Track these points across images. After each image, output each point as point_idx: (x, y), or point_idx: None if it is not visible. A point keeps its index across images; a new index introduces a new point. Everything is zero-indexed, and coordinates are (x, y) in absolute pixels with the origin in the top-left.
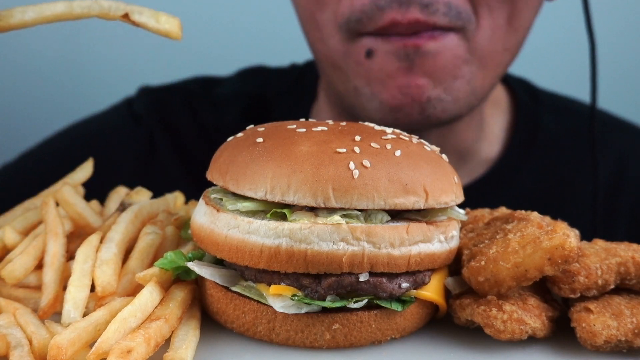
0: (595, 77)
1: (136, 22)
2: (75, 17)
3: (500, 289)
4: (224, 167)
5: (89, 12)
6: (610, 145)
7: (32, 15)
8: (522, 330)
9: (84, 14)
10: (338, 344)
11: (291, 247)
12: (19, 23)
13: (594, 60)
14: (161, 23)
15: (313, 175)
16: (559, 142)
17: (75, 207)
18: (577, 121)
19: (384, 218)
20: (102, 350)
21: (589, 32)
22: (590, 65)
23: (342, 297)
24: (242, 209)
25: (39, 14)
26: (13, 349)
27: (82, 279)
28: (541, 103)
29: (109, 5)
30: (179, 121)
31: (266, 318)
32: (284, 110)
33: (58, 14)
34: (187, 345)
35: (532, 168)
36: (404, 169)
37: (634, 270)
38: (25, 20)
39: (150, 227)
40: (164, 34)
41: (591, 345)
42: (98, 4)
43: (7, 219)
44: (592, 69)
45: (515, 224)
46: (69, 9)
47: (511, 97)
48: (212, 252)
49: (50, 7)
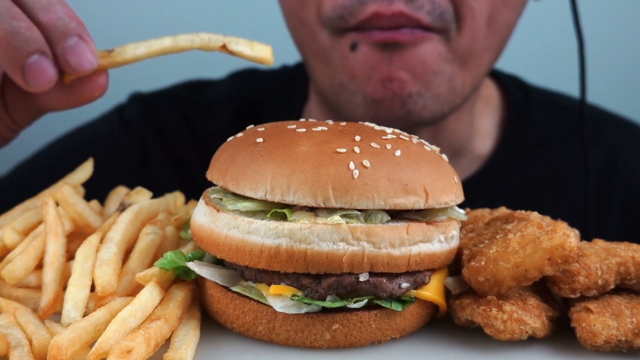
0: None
1: (234, 52)
2: (180, 50)
3: (500, 289)
4: (224, 167)
5: (191, 45)
6: (602, 140)
7: (143, 50)
8: (522, 330)
9: (187, 46)
10: (338, 344)
11: (291, 247)
12: (132, 58)
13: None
14: (256, 51)
15: (313, 175)
16: (550, 138)
17: (75, 207)
18: (568, 116)
19: (384, 218)
20: (102, 350)
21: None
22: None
23: (342, 297)
24: (242, 209)
25: (149, 48)
26: (13, 349)
27: (82, 279)
28: (532, 99)
29: (209, 38)
30: (171, 127)
31: (266, 318)
32: (275, 112)
33: (165, 48)
34: (187, 345)
35: (524, 164)
36: (404, 169)
37: (634, 270)
38: (137, 55)
39: (150, 227)
40: (259, 60)
41: (591, 345)
42: (199, 37)
43: (7, 219)
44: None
45: (515, 224)
46: (174, 43)
47: (502, 93)
48: (212, 252)
49: (159, 42)
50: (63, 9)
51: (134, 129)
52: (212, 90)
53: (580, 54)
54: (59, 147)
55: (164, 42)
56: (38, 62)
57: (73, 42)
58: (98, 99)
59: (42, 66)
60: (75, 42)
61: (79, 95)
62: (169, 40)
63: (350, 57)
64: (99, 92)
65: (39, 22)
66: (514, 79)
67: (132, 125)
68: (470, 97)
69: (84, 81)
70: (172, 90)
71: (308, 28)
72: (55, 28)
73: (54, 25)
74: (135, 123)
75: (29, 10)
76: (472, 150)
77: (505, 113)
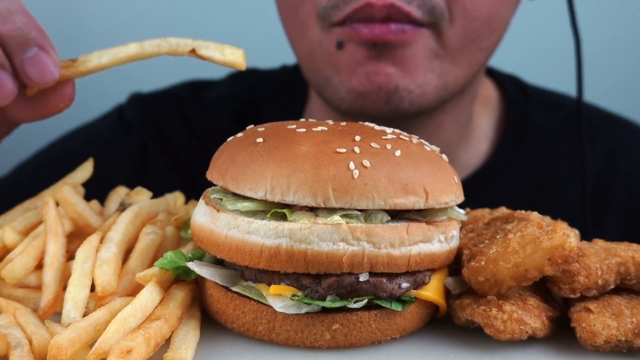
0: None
1: (203, 56)
2: (147, 57)
3: (500, 289)
4: (224, 167)
5: (159, 50)
6: (600, 139)
7: (107, 58)
8: (522, 330)
9: (154, 52)
10: (338, 344)
11: (291, 247)
12: (96, 67)
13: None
14: (226, 55)
15: (313, 175)
16: (549, 137)
17: (75, 207)
18: (567, 116)
19: (384, 218)
20: (102, 350)
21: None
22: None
23: (342, 297)
24: (242, 209)
25: (113, 56)
26: (13, 349)
27: (82, 279)
28: (531, 99)
29: (177, 43)
30: (171, 127)
31: (266, 318)
32: (275, 112)
33: (131, 55)
34: (187, 345)
35: (523, 163)
36: (404, 169)
37: (634, 270)
38: (101, 63)
39: (150, 227)
40: (230, 65)
41: (591, 345)
42: (167, 42)
43: (7, 219)
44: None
45: (515, 224)
46: (140, 49)
47: (501, 93)
48: (212, 252)
49: (124, 49)
50: (22, 18)
51: (133, 129)
52: (212, 90)
53: (577, 53)
54: (59, 147)
55: (129, 49)
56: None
57: (32, 53)
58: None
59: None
60: (35, 53)
61: (45, 107)
62: (134, 46)
63: (335, 54)
64: (64, 103)
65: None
66: (513, 79)
67: (132, 125)
68: (465, 95)
69: (48, 92)
70: (171, 91)
71: (301, 23)
72: (13, 39)
73: (12, 37)
74: (135, 123)
75: None
76: (466, 151)
77: (504, 113)
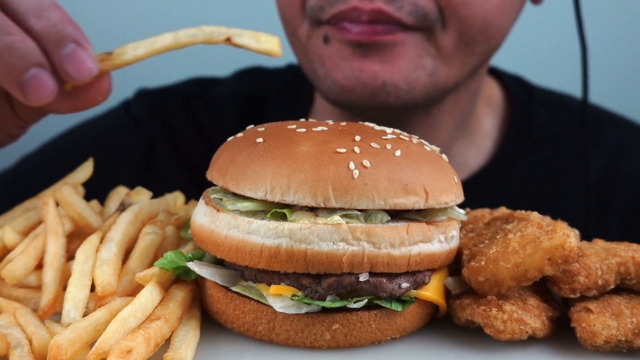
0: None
1: (238, 44)
2: (181, 46)
3: (500, 289)
4: (224, 167)
5: (194, 40)
6: (604, 139)
7: (143, 50)
8: (522, 330)
9: (189, 42)
10: (338, 344)
11: (291, 247)
12: (132, 59)
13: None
14: (262, 43)
15: (313, 175)
16: (553, 138)
17: (75, 207)
18: (571, 116)
19: (384, 218)
20: (102, 350)
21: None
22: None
23: (342, 297)
24: (242, 209)
25: (149, 47)
26: (13, 349)
27: (82, 279)
28: (535, 99)
29: (212, 31)
30: (178, 123)
31: (266, 318)
32: (281, 109)
33: (166, 45)
34: (187, 345)
35: (527, 163)
36: (404, 169)
37: (634, 270)
38: (137, 55)
39: (150, 227)
40: (265, 52)
41: (591, 345)
42: (202, 31)
43: (7, 219)
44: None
45: (515, 224)
46: (175, 39)
47: (505, 93)
48: (212, 252)
49: (159, 40)
50: (56, 14)
51: (141, 124)
52: (218, 87)
53: (583, 60)
54: (65, 141)
55: (164, 39)
56: (36, 76)
57: (69, 49)
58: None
59: (41, 80)
60: (72, 50)
61: (83, 101)
62: (169, 36)
63: (322, 47)
64: (102, 97)
65: (31, 31)
66: (517, 79)
67: (139, 119)
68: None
69: (86, 86)
70: (179, 87)
71: (292, 21)
72: (49, 36)
73: (48, 34)
74: (143, 118)
75: (20, 19)
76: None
77: (508, 112)
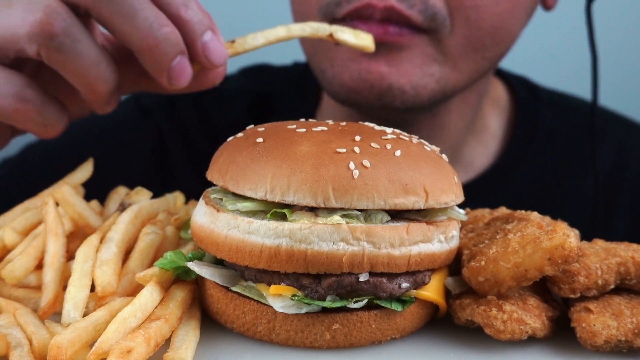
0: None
1: (339, 40)
2: (291, 38)
3: (500, 289)
4: (224, 167)
5: (302, 33)
6: (609, 141)
7: (261, 40)
8: (522, 330)
9: (298, 35)
10: (338, 344)
11: (291, 247)
12: (252, 48)
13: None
14: (359, 39)
15: (313, 175)
16: (558, 138)
17: (75, 207)
18: (576, 117)
19: (384, 218)
20: (102, 350)
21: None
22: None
23: (342, 297)
24: (242, 209)
25: (265, 38)
26: (13, 349)
27: (82, 279)
28: (540, 99)
29: (317, 27)
30: (187, 116)
31: (266, 318)
32: (289, 107)
33: (280, 37)
34: (187, 345)
35: (533, 164)
36: (404, 169)
37: (634, 270)
38: (256, 44)
39: (150, 227)
40: (362, 48)
41: (591, 345)
42: (309, 26)
43: (7, 219)
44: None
45: (515, 224)
46: (288, 32)
47: (511, 94)
48: (212, 252)
49: (274, 32)
50: (196, 4)
51: (151, 116)
52: (226, 83)
53: (593, 68)
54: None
55: (278, 32)
56: (181, 63)
57: (209, 37)
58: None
59: (184, 66)
60: (211, 37)
61: (201, 82)
62: (283, 29)
63: (333, 49)
64: (218, 80)
65: (180, 20)
66: (522, 80)
67: (149, 110)
68: (470, 94)
69: (206, 70)
70: None
71: (305, 19)
72: (193, 24)
73: (192, 22)
74: (153, 110)
75: (171, 10)
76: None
77: (514, 113)
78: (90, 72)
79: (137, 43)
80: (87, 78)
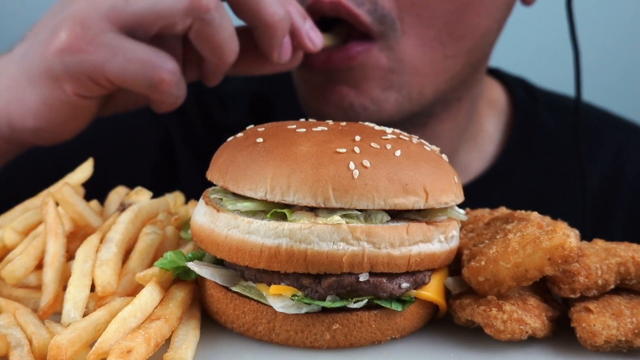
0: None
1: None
2: None
3: (500, 289)
4: (223, 167)
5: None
6: (607, 141)
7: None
8: (522, 330)
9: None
10: (338, 344)
11: (291, 247)
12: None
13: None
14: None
15: (313, 175)
16: (557, 140)
17: (75, 207)
18: (574, 119)
19: (384, 218)
20: (102, 350)
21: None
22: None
23: (342, 297)
24: (242, 209)
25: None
26: (13, 349)
27: (82, 279)
28: (538, 101)
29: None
30: (192, 115)
31: (266, 318)
32: (290, 108)
33: None
34: (187, 345)
35: (531, 165)
36: (404, 169)
37: (634, 270)
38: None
39: (150, 227)
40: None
41: (591, 345)
42: None
43: (7, 219)
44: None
45: (515, 224)
46: None
47: (508, 95)
48: (212, 252)
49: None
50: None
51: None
52: (227, 84)
53: (575, 64)
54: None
55: None
56: (287, 42)
57: (309, 23)
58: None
59: (288, 45)
60: (311, 24)
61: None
62: None
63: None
64: (296, 64)
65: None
66: (520, 81)
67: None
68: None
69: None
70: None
71: None
72: (300, 12)
73: (298, 10)
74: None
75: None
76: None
77: (512, 115)
78: (228, 44)
79: (266, 19)
80: (223, 50)
